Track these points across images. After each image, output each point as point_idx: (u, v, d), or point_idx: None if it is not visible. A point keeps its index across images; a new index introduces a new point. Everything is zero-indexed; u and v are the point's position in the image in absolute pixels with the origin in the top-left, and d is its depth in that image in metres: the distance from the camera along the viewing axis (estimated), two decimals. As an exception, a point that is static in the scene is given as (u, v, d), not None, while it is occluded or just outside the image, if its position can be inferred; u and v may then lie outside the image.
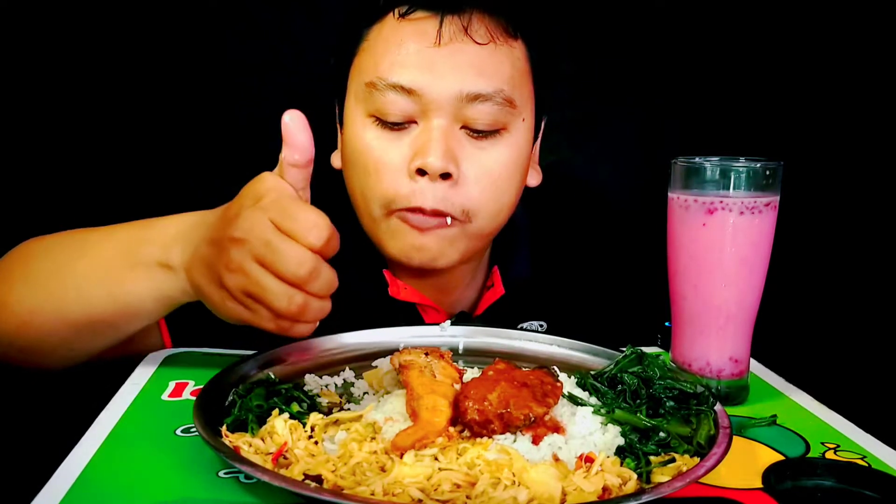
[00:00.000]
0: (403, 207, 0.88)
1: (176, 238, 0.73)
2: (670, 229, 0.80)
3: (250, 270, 0.62)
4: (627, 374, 0.71)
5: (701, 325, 0.79)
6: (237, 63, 1.38)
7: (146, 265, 0.74)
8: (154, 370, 0.82)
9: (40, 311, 0.80)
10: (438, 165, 0.85)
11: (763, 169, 0.76)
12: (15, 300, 0.81)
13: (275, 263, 0.61)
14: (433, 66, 0.86)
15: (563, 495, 0.54)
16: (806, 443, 0.70)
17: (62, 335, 0.80)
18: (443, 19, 0.86)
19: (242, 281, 0.63)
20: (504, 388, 0.63)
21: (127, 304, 0.76)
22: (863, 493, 0.60)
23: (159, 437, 0.66)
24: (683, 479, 0.54)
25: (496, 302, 1.02)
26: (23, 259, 0.85)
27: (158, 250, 0.73)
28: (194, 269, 0.69)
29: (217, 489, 0.57)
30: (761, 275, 0.78)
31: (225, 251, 0.64)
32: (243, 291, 0.63)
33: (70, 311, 0.78)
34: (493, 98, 0.87)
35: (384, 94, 0.87)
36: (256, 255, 0.62)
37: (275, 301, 0.62)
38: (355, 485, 0.54)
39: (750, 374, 0.81)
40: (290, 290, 0.62)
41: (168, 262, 0.72)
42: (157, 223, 0.77)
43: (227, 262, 0.63)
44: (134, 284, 0.75)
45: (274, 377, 0.72)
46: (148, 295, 0.75)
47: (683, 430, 0.64)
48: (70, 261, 0.80)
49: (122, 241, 0.78)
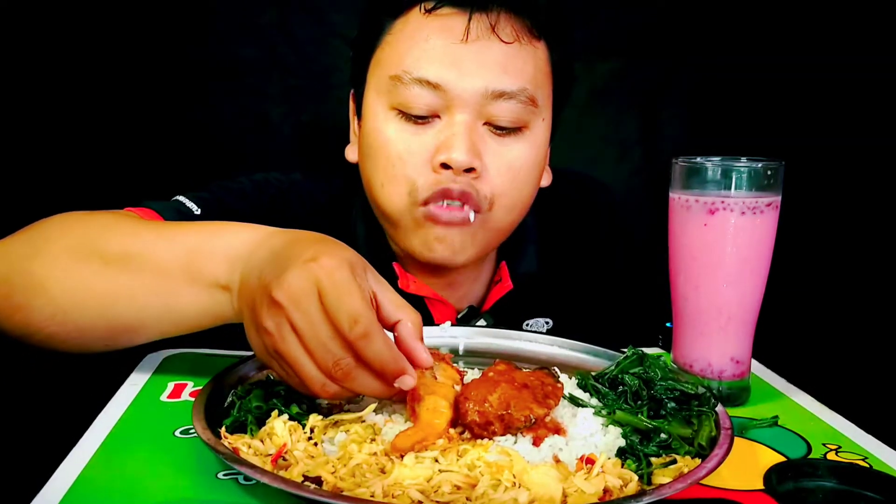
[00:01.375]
0: (431, 195, 0.88)
1: (239, 258, 0.68)
2: (671, 230, 0.80)
3: (285, 339, 0.59)
4: (628, 375, 0.71)
5: (702, 325, 0.79)
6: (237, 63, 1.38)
7: (207, 283, 0.69)
8: (153, 371, 0.82)
9: (83, 304, 0.73)
10: (464, 160, 0.86)
11: (764, 169, 0.76)
12: (58, 289, 0.73)
13: (308, 345, 0.59)
14: (460, 62, 0.87)
15: (564, 497, 0.53)
16: (807, 444, 0.69)
17: (102, 332, 0.75)
18: (471, 16, 0.87)
19: (277, 343, 0.60)
20: (505, 389, 0.63)
21: (181, 316, 0.72)
22: (864, 495, 0.60)
23: (158, 439, 0.66)
24: (685, 481, 0.54)
25: (503, 297, 1.03)
26: (63, 237, 0.76)
27: (221, 270, 0.69)
28: (242, 299, 0.66)
29: (216, 490, 0.57)
30: (763, 275, 0.78)
31: (262, 309, 0.61)
32: (276, 351, 0.61)
33: (118, 311, 0.73)
34: (517, 96, 0.88)
35: (409, 87, 0.87)
36: (294, 324, 0.59)
37: (306, 378, 0.60)
38: (355, 486, 0.54)
39: (751, 375, 0.81)
40: (321, 376, 0.59)
41: (228, 283, 0.68)
42: (224, 233, 0.71)
43: (263, 321, 0.60)
44: (191, 301, 0.70)
45: (273, 378, 0.72)
46: (205, 313, 0.71)
47: (685, 431, 0.64)
48: (127, 256, 0.73)
49: (185, 250, 0.71)
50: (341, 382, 0.59)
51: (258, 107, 1.40)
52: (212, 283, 0.69)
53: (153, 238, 0.74)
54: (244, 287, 0.66)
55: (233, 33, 1.37)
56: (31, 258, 0.75)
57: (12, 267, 0.75)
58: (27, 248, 0.77)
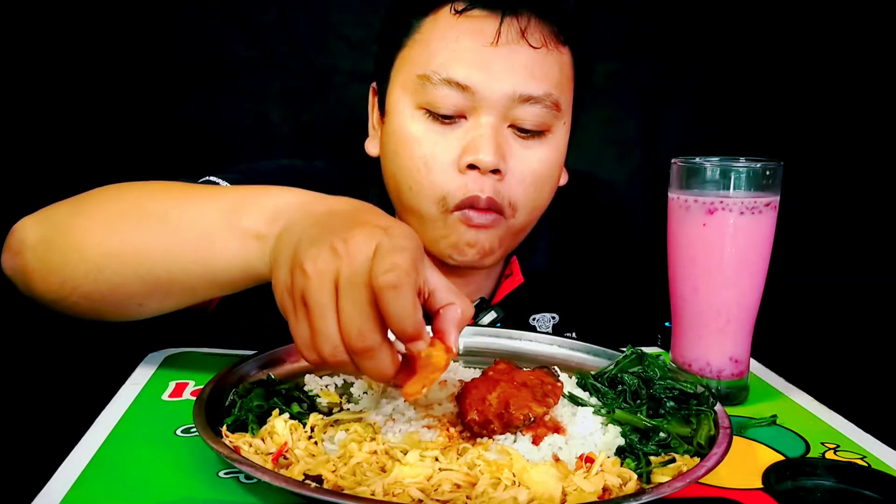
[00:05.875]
0: (460, 202, 0.89)
1: (287, 209, 0.67)
2: (670, 230, 0.80)
3: (322, 286, 0.56)
4: (628, 374, 0.71)
5: (701, 325, 0.79)
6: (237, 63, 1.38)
7: (243, 232, 0.68)
8: (154, 370, 0.82)
9: (118, 259, 0.72)
10: (491, 161, 0.87)
11: (763, 169, 0.76)
12: (93, 243, 0.73)
13: (343, 301, 0.55)
14: (489, 64, 0.88)
15: (564, 495, 0.54)
16: (806, 443, 0.70)
17: (134, 290, 0.74)
18: (503, 20, 0.88)
19: (311, 287, 0.56)
20: (504, 388, 0.63)
21: (214, 269, 0.70)
22: (863, 494, 0.60)
23: (159, 438, 0.66)
24: (683, 480, 0.54)
25: (513, 291, 1.03)
26: (108, 200, 0.77)
27: (262, 220, 0.67)
28: (281, 245, 0.63)
29: (217, 489, 0.57)
30: (761, 275, 0.78)
31: (312, 250, 0.57)
32: (304, 295, 0.57)
33: (151, 266, 0.72)
34: (543, 101, 0.90)
35: (438, 88, 0.88)
36: (340, 275, 0.56)
37: (319, 333, 0.56)
38: (355, 485, 0.54)
39: (750, 374, 0.81)
40: (336, 337, 0.56)
41: (267, 233, 0.66)
42: (270, 191, 0.71)
43: (305, 262, 0.57)
44: (223, 250, 0.69)
45: (274, 377, 0.72)
46: (237, 264, 0.69)
47: (684, 430, 0.64)
48: (165, 212, 0.73)
49: (227, 202, 0.71)
50: (355, 355, 0.55)
51: (258, 107, 1.40)
52: (248, 233, 0.67)
53: (199, 194, 0.74)
54: (287, 234, 0.63)
55: (233, 33, 1.37)
56: (71, 217, 0.76)
57: (53, 226, 0.76)
58: (69, 208, 0.78)
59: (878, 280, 1.48)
